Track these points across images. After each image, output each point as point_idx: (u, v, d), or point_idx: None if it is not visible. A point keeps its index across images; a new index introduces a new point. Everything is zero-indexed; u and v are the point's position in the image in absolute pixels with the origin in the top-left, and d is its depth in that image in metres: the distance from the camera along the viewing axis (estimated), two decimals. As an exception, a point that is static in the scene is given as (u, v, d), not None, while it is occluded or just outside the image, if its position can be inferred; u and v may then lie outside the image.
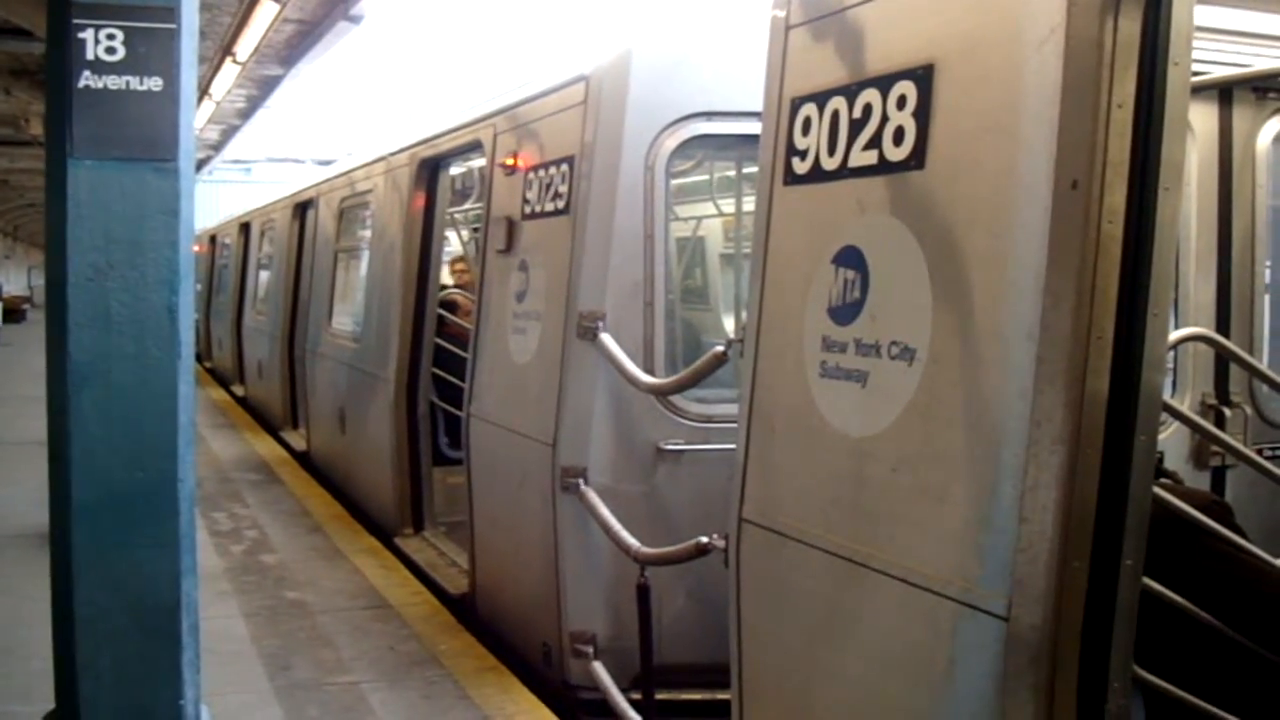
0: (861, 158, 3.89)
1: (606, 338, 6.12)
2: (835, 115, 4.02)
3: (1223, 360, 5.55)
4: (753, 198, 4.96)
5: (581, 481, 6.19)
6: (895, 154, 3.73)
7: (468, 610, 7.92)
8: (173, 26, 4.45)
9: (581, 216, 6.38)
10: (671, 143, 6.25)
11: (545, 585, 6.56)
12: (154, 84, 4.43)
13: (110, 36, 4.37)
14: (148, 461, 4.56)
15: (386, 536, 9.95)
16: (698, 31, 6.42)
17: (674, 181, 7.08)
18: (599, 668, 6.15)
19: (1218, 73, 5.18)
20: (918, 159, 3.63)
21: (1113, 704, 3.14)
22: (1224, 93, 5.55)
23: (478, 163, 10.83)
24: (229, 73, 14.95)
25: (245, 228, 20.47)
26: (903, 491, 3.63)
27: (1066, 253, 3.12)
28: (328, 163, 19.39)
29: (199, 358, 24.67)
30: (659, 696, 5.78)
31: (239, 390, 20.11)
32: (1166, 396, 3.43)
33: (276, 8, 11.60)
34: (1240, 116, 5.60)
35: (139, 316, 4.49)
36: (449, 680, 6.68)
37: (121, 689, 4.56)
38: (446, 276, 12.00)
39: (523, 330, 7.03)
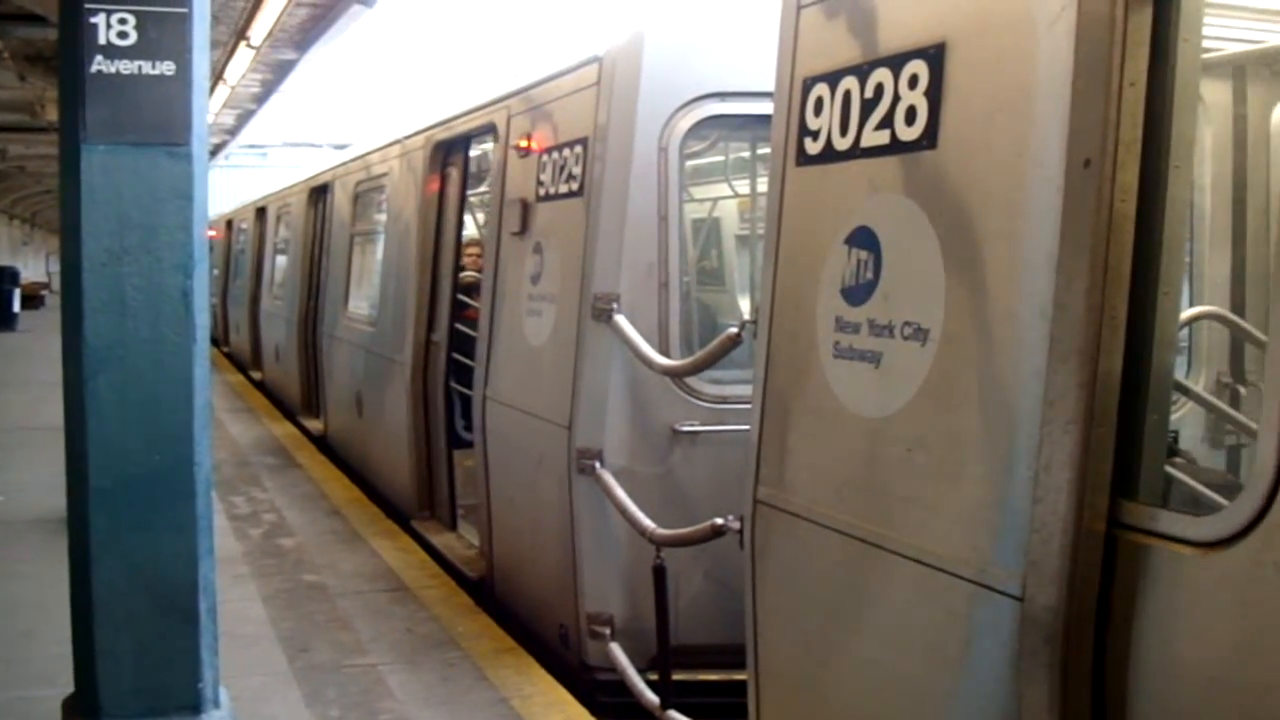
0: (874, 138, 3.88)
1: (621, 319, 6.12)
2: (847, 95, 4.02)
3: (1238, 339, 5.53)
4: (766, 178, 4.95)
5: (597, 463, 6.20)
6: (907, 134, 3.72)
7: (485, 592, 7.95)
8: (184, 11, 4.45)
9: (595, 198, 6.37)
10: (685, 124, 6.24)
11: (562, 567, 6.58)
12: (166, 68, 4.44)
13: (122, 21, 4.38)
14: (164, 445, 4.57)
15: (404, 519, 9.99)
16: (711, 12, 6.41)
17: (688, 162, 7.08)
18: (616, 649, 6.17)
19: (1230, 49, 5.15)
20: (930, 139, 3.62)
21: (1127, 683, 3.14)
22: (1237, 69, 5.52)
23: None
24: (243, 57, 14.95)
25: (261, 212, 20.49)
26: (917, 472, 3.63)
27: (1079, 231, 3.11)
28: (344, 147, 19.38)
29: (216, 342, 24.75)
30: (676, 677, 5.80)
31: (256, 375, 20.15)
32: (1181, 376, 3.42)
33: (289, -9, 11.61)
34: (1254, 93, 5.57)
35: (154, 301, 4.51)
36: (467, 662, 6.70)
37: (140, 672, 4.59)
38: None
39: (538, 312, 7.03)
